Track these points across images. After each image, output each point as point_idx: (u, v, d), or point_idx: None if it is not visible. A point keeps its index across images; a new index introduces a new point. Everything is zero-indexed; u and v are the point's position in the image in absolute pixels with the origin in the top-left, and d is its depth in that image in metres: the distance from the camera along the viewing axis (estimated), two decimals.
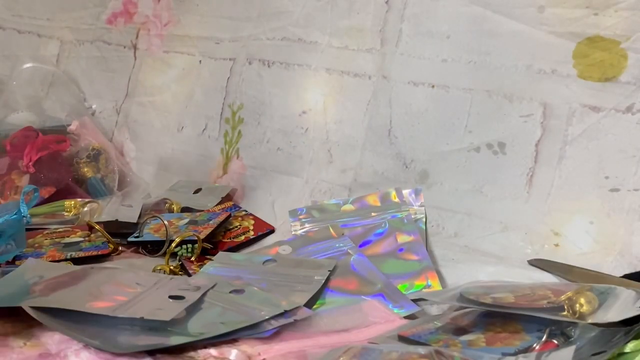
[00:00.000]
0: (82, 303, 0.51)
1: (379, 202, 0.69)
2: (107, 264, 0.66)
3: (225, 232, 0.74)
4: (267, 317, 0.51)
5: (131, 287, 0.54)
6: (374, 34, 0.75)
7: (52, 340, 0.48)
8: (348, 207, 0.70)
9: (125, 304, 0.51)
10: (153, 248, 0.70)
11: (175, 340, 0.48)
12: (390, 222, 0.66)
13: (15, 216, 0.61)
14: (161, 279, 0.57)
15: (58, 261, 0.66)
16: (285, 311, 0.53)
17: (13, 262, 0.63)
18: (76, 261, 0.66)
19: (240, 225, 0.75)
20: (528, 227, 0.65)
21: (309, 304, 0.56)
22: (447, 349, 0.46)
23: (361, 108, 0.75)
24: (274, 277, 0.60)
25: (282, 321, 0.52)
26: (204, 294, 0.54)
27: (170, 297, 0.53)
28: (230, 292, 0.56)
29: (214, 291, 0.55)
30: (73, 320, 0.49)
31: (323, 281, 0.58)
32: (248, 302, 0.54)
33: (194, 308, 0.52)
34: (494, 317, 0.50)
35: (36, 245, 0.70)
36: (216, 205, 0.79)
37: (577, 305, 0.47)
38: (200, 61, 0.89)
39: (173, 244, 0.67)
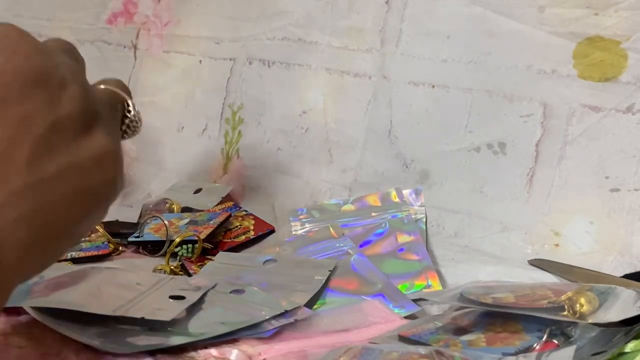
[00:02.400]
0: (83, 303, 0.51)
1: (379, 202, 0.69)
2: (107, 264, 0.66)
3: (226, 232, 0.74)
4: (267, 317, 0.51)
5: (132, 288, 0.54)
6: (374, 34, 0.75)
7: (53, 340, 0.48)
8: (348, 207, 0.70)
9: (125, 304, 0.51)
10: (153, 248, 0.70)
11: (175, 340, 0.48)
12: (391, 222, 0.66)
13: None
14: (161, 279, 0.57)
15: (58, 261, 0.66)
16: (286, 311, 0.53)
17: None
18: (76, 261, 0.66)
19: (240, 225, 0.75)
20: (528, 227, 0.65)
21: (310, 304, 0.56)
22: (447, 349, 0.46)
23: (361, 108, 0.75)
24: (274, 277, 0.60)
25: (283, 321, 0.52)
26: (205, 294, 0.54)
27: (171, 297, 0.53)
28: (230, 292, 0.56)
29: (214, 291, 0.55)
30: (73, 320, 0.49)
31: (323, 281, 0.58)
32: (248, 302, 0.54)
33: (194, 308, 0.52)
34: (494, 317, 0.50)
35: None
36: (216, 205, 0.79)
37: (578, 305, 0.47)
38: (200, 61, 0.89)
39: (173, 244, 0.67)
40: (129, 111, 0.45)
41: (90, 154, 0.37)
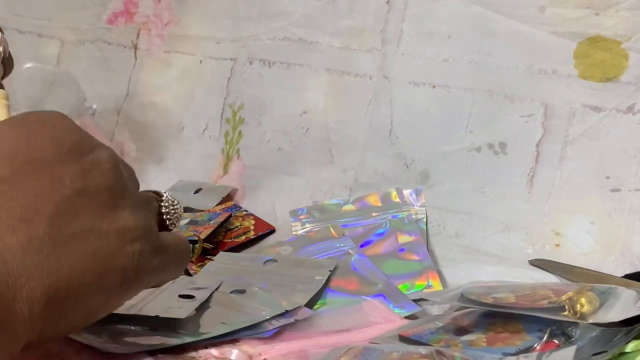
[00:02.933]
0: None
1: (380, 202, 0.69)
2: None
3: (226, 232, 0.74)
4: (268, 317, 0.51)
5: None
6: (375, 34, 0.75)
7: (53, 340, 0.48)
8: (349, 207, 0.70)
9: (137, 303, 0.51)
10: None
11: (176, 340, 0.48)
12: (391, 222, 0.66)
13: None
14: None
15: None
16: (287, 311, 0.52)
17: None
18: None
19: (240, 225, 0.75)
20: (529, 227, 0.65)
21: (310, 304, 0.56)
22: (448, 349, 0.46)
23: (362, 108, 0.75)
24: (274, 277, 0.59)
25: (283, 321, 0.51)
26: (212, 294, 0.54)
27: (180, 296, 0.53)
28: (231, 292, 0.56)
29: (215, 291, 0.55)
30: None
31: (324, 281, 0.58)
32: (249, 302, 0.54)
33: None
34: (495, 317, 0.50)
35: None
36: (217, 206, 0.79)
37: (578, 305, 0.47)
38: (200, 61, 0.89)
39: None
40: (162, 201, 0.45)
41: (114, 226, 0.38)
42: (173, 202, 0.46)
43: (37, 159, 0.37)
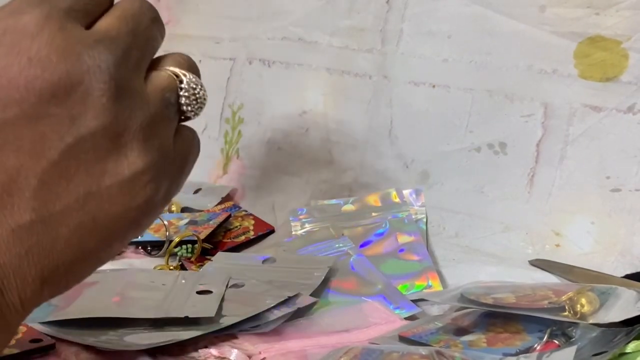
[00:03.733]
0: (119, 309, 0.50)
1: (380, 202, 0.69)
2: (108, 265, 0.66)
3: (225, 232, 0.73)
4: (272, 305, 0.51)
5: (155, 288, 0.54)
6: (375, 34, 0.75)
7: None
8: (349, 207, 0.70)
9: (159, 305, 0.51)
10: (153, 248, 0.70)
11: (186, 334, 0.48)
12: (391, 222, 0.66)
13: None
14: (177, 275, 0.57)
15: None
16: (289, 297, 0.52)
17: None
18: None
19: (240, 225, 0.75)
20: (529, 227, 0.65)
21: None
22: (448, 350, 0.46)
23: (362, 108, 0.75)
24: (273, 275, 0.59)
25: (286, 309, 0.51)
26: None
27: (198, 292, 0.53)
28: (230, 287, 0.55)
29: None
30: (74, 321, 0.49)
31: (323, 277, 0.58)
32: (250, 293, 0.54)
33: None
34: (495, 317, 0.50)
35: None
36: (216, 205, 0.79)
37: (578, 305, 0.47)
38: (200, 61, 0.89)
39: (172, 244, 0.67)
40: (181, 88, 0.38)
41: (118, 179, 0.32)
42: (195, 87, 0.39)
43: (11, 120, 0.30)
